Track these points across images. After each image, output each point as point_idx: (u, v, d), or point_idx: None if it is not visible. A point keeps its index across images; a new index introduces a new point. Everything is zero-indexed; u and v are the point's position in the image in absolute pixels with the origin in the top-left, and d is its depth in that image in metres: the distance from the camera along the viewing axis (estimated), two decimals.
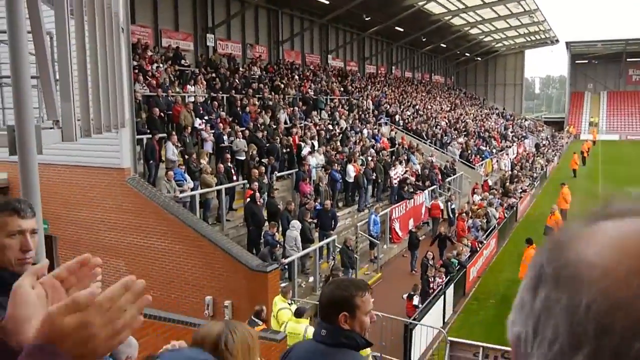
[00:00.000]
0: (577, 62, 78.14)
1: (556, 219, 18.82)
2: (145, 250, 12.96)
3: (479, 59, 65.48)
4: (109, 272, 13.90)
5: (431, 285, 13.43)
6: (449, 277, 13.82)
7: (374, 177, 20.54)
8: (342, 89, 31.77)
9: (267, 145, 17.69)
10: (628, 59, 75.54)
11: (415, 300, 12.77)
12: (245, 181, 15.58)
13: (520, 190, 26.23)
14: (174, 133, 15.14)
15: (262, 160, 16.79)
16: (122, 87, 10.70)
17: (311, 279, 14.44)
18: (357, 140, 23.50)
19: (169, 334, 6.19)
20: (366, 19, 36.87)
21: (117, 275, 13.42)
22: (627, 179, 34.99)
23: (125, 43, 11.89)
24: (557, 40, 63.81)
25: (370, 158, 21.38)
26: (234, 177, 15.62)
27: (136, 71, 16.59)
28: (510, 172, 31.16)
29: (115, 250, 13.47)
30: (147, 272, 13.01)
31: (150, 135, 14.42)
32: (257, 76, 25.06)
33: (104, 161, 13.18)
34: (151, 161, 14.08)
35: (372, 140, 25.14)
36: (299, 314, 9.45)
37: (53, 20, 6.61)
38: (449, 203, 21.40)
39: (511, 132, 48.49)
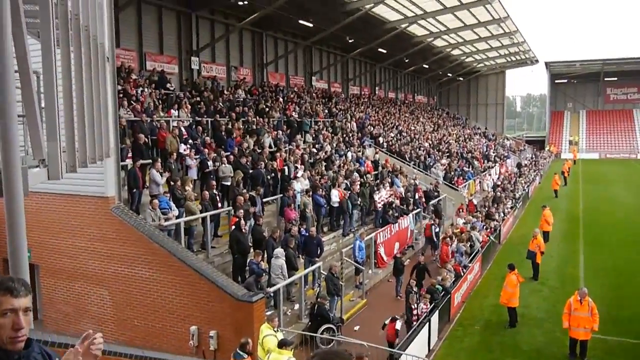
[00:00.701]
0: (556, 81, 79.73)
1: (538, 243, 19.08)
2: (129, 280, 12.81)
3: (461, 79, 66.49)
4: (93, 301, 13.76)
5: (414, 312, 13.43)
6: (433, 304, 13.84)
7: (358, 202, 20.57)
8: (326, 111, 31.94)
9: (252, 171, 17.65)
10: (606, 79, 77.32)
11: (398, 324, 12.70)
12: (230, 208, 15.52)
13: (503, 213, 26.44)
14: (158, 159, 15.08)
15: (250, 193, 16.63)
16: (107, 117, 10.68)
17: (297, 306, 14.37)
18: (342, 164, 23.55)
19: None
20: (349, 41, 37.34)
21: (100, 304, 13.33)
22: (607, 199, 35.62)
23: (110, 72, 11.90)
24: (537, 60, 65.01)
25: (354, 182, 21.34)
26: (219, 204, 15.59)
27: (120, 95, 16.44)
28: (493, 194, 31.42)
29: (98, 279, 13.32)
30: (131, 302, 12.89)
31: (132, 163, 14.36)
32: (241, 99, 25.09)
33: (88, 189, 13.05)
34: (134, 189, 13.99)
35: (357, 163, 25.21)
36: (282, 344, 9.46)
37: (39, 55, 6.58)
38: (433, 226, 21.48)
39: (493, 152, 49.05)
